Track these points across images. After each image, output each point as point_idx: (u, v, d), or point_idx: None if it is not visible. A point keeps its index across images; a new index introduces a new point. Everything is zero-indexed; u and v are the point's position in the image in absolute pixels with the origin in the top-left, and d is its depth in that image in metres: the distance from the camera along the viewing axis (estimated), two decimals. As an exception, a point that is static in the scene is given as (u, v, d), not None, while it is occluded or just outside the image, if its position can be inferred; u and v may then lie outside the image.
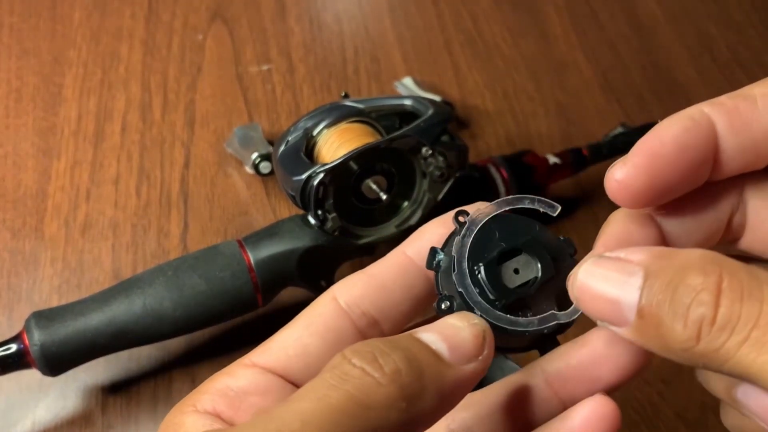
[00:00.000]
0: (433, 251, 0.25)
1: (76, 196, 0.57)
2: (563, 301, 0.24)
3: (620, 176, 0.23)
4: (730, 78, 0.68)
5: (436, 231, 0.26)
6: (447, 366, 0.21)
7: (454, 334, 0.22)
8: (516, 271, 0.24)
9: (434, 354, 0.21)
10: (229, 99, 0.63)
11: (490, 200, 0.26)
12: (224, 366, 0.53)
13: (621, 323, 0.21)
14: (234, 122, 0.62)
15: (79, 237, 0.54)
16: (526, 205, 0.25)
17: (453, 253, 0.24)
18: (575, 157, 0.56)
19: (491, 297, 0.24)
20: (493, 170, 0.53)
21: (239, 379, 0.24)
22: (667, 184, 0.23)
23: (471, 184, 0.52)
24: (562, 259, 0.25)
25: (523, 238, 0.25)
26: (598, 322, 0.22)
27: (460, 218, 0.25)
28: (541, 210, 0.25)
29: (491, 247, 0.25)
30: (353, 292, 0.25)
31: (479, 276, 0.24)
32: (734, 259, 0.21)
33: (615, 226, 0.24)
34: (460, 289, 0.24)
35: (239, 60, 0.66)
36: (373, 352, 0.20)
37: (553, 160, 0.56)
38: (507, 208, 0.25)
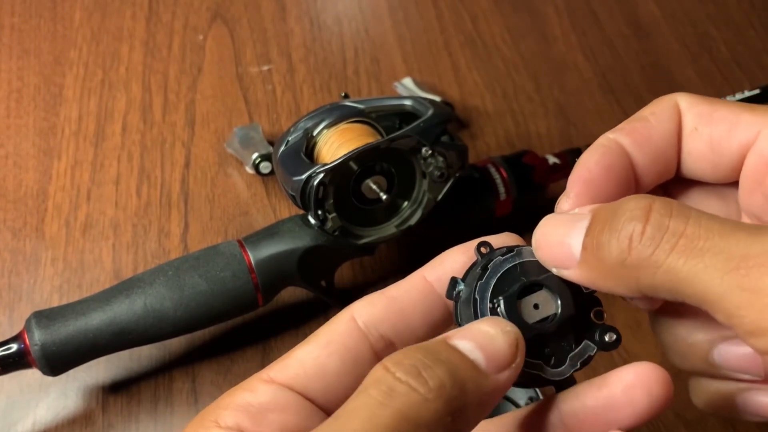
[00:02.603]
0: (454, 281, 0.25)
1: (76, 196, 0.57)
2: (582, 339, 0.24)
3: (567, 207, 0.26)
4: (729, 78, 0.68)
5: (457, 258, 0.26)
6: (485, 376, 0.21)
7: (489, 342, 0.22)
8: (536, 307, 0.24)
9: (473, 365, 0.21)
10: (229, 99, 0.64)
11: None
12: (224, 365, 0.54)
13: (570, 264, 0.24)
14: (234, 122, 0.62)
15: (80, 237, 0.55)
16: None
17: (473, 285, 0.24)
18: (574, 158, 0.57)
19: None
20: (492, 170, 0.53)
21: (259, 395, 0.24)
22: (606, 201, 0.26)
23: (471, 185, 0.52)
24: (582, 297, 0.25)
25: (544, 273, 0.25)
26: (554, 270, 0.24)
27: (483, 249, 0.25)
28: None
29: (512, 280, 0.24)
30: (373, 313, 0.25)
31: (498, 309, 0.24)
32: None
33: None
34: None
35: (239, 60, 0.66)
36: (416, 365, 0.20)
37: (552, 160, 0.56)
38: (532, 258, 0.25)
